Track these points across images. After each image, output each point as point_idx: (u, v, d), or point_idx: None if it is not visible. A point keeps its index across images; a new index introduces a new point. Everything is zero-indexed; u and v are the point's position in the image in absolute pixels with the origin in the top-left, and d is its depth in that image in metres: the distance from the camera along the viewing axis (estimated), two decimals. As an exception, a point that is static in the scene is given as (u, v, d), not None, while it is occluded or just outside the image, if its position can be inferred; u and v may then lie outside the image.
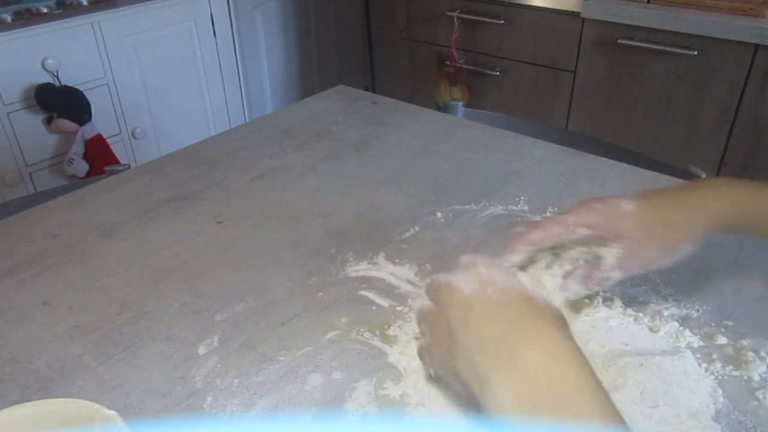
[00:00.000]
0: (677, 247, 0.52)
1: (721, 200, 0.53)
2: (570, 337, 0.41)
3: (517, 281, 0.45)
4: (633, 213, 0.52)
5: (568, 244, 0.54)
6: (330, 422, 0.50)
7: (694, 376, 0.52)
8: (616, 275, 0.52)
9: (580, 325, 0.57)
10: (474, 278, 0.45)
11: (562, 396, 0.37)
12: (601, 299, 0.60)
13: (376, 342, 0.58)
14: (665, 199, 0.54)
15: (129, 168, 0.93)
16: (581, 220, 0.53)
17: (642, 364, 0.52)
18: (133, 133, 1.85)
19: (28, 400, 0.52)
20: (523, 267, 0.54)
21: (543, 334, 0.40)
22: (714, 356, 0.55)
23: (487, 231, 0.75)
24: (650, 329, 0.58)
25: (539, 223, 0.55)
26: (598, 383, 0.38)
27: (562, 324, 0.42)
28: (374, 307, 0.62)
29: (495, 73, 1.95)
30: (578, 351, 0.40)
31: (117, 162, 1.67)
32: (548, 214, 0.78)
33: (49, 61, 1.57)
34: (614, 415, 0.37)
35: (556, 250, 0.55)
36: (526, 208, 0.79)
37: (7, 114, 1.55)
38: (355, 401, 0.52)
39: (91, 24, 1.66)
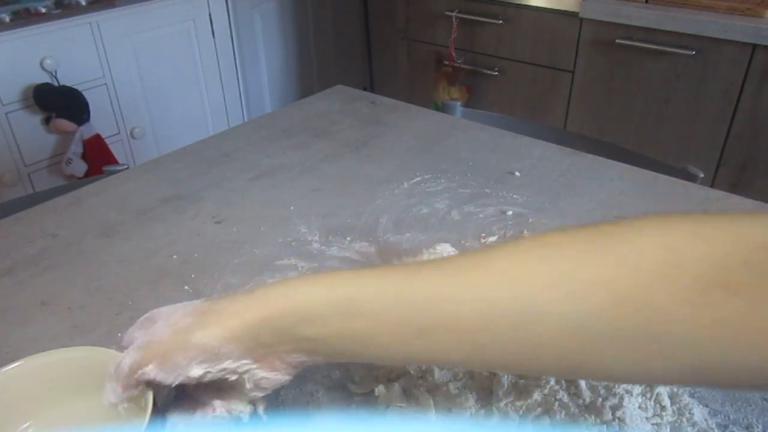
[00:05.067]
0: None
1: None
2: None
3: None
4: None
5: None
6: (332, 422, 0.50)
7: None
8: None
9: None
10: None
11: None
12: None
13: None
14: None
15: (127, 168, 0.93)
16: None
17: None
18: (131, 133, 1.85)
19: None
20: None
21: None
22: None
23: (486, 231, 0.75)
24: None
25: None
26: None
27: None
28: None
29: (493, 73, 1.96)
30: None
31: (115, 162, 1.67)
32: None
33: (48, 61, 1.57)
34: None
35: None
36: (525, 208, 0.79)
37: (6, 114, 1.55)
38: (356, 400, 0.52)
39: (90, 24, 1.66)
